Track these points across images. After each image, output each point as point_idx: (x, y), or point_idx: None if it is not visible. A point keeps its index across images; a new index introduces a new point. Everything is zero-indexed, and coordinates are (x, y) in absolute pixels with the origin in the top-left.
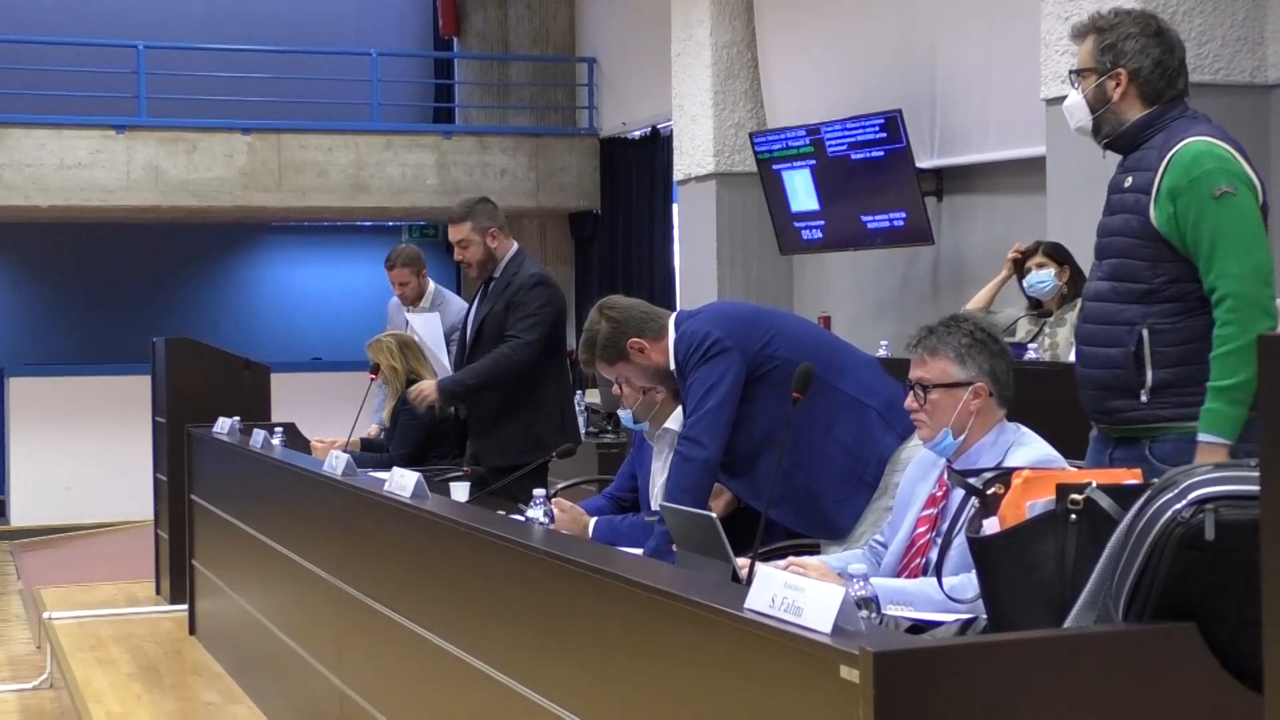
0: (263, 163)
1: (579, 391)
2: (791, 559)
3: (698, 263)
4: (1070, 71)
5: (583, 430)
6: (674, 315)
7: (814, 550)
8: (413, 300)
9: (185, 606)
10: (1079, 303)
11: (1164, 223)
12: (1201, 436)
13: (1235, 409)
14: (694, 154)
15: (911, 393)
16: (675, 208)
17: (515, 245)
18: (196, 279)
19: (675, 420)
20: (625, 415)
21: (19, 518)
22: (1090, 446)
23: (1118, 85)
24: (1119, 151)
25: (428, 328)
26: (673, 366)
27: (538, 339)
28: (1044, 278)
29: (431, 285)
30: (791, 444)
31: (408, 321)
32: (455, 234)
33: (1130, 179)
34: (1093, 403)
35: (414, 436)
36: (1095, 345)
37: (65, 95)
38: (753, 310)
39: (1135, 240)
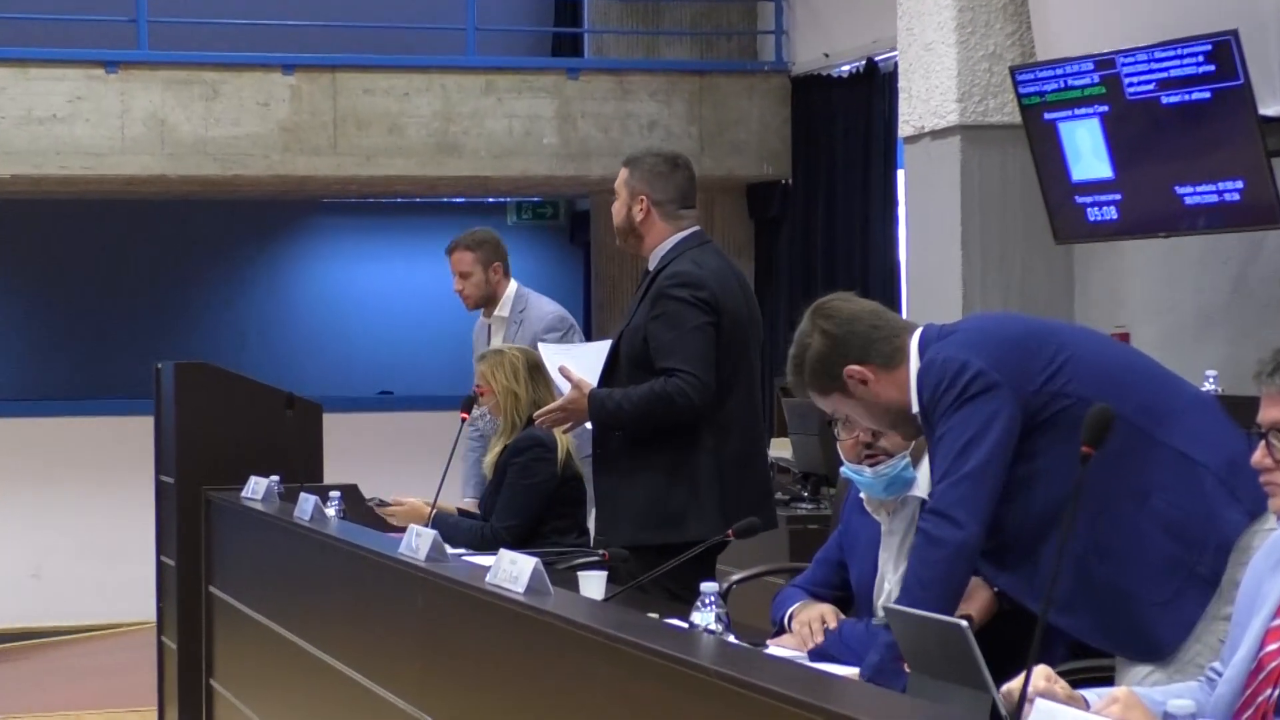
0: (311, 114)
1: None
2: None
3: (933, 256)
4: None
5: None
6: (918, 332)
7: (1110, 677)
8: (477, 303)
9: None
10: None
11: None
12: None
13: None
14: (929, 99)
15: (1262, 444)
16: (900, 176)
17: (693, 227)
18: (217, 279)
19: (923, 483)
20: (856, 473)
21: None
22: None
23: None
24: None
25: (569, 361)
26: (915, 407)
27: (708, 367)
28: None
29: (513, 286)
30: (1088, 521)
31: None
32: (619, 177)
33: None
34: None
35: (528, 500)
36: None
37: (34, 19)
38: (1030, 326)
39: None
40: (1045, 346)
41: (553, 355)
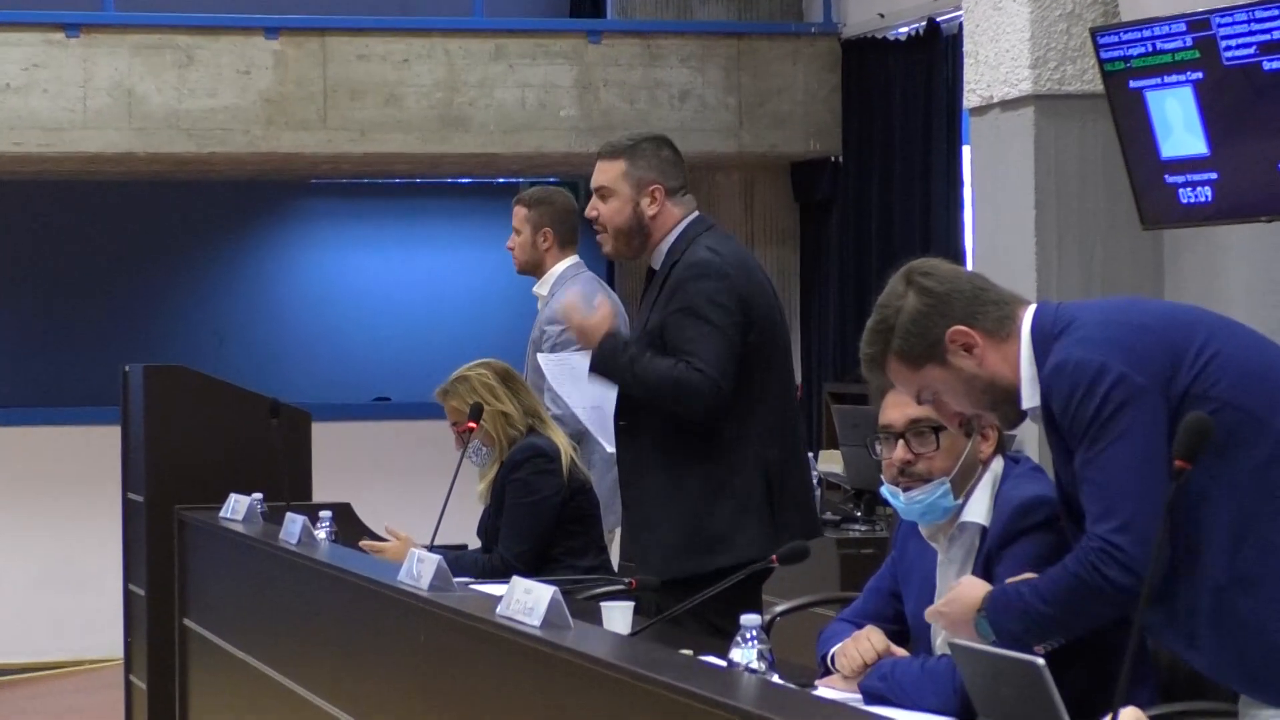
0: (298, 83)
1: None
2: None
3: (1003, 243)
4: None
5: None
6: (1031, 308)
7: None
8: (523, 268)
9: None
10: None
11: None
12: None
13: None
14: (998, 64)
15: None
16: (966, 152)
17: (693, 211)
18: (192, 271)
19: (982, 502)
20: (891, 495)
21: None
22: None
23: None
24: None
25: (562, 376)
26: (1028, 401)
27: (728, 374)
28: None
29: (565, 264)
30: (1227, 549)
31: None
32: (598, 175)
33: None
34: None
35: (535, 520)
36: None
37: None
38: (1170, 314)
39: None
40: (1190, 339)
41: (553, 369)
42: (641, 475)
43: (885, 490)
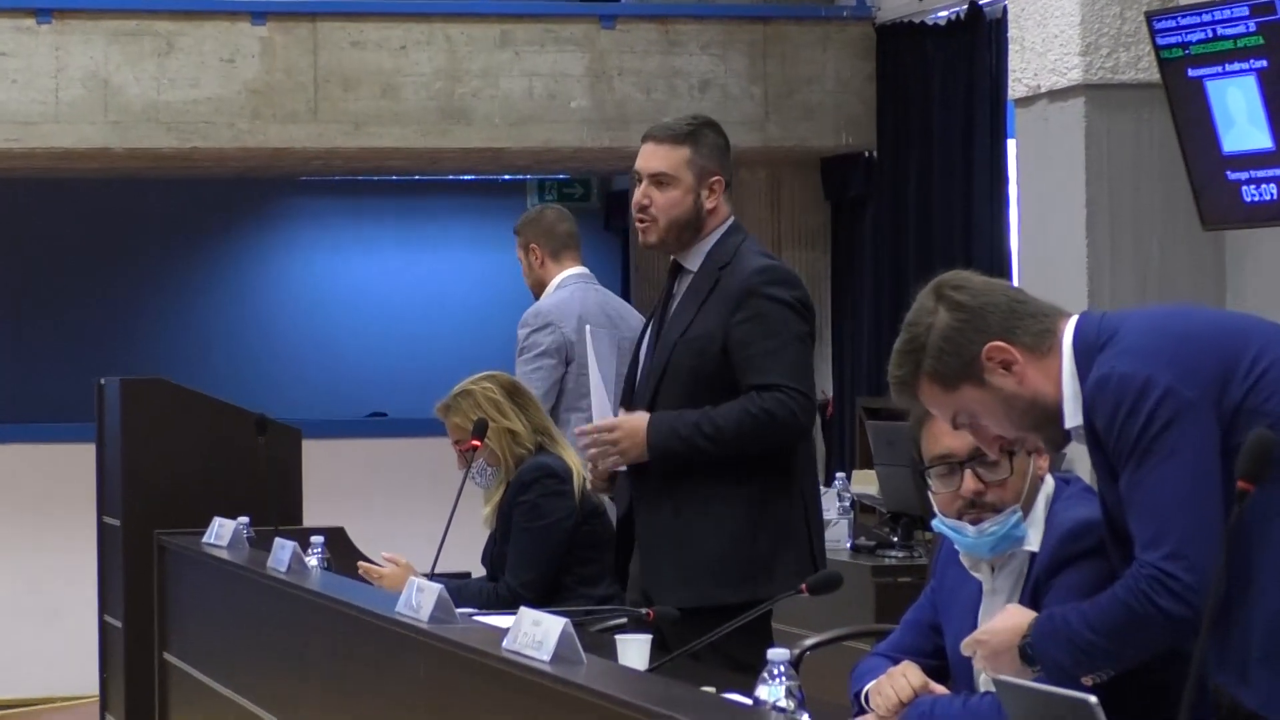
0: (287, 72)
1: (840, 477)
2: None
3: (1051, 244)
4: None
5: (848, 542)
6: (1072, 320)
7: None
8: (536, 293)
9: None
10: None
11: None
12: None
13: None
14: (1046, 51)
15: None
16: (1011, 147)
17: (731, 215)
18: (173, 275)
19: (1035, 526)
20: (954, 529)
21: None
22: None
23: None
24: None
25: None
26: (1071, 420)
27: (809, 384)
28: None
29: (563, 273)
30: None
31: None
32: (655, 160)
33: None
34: None
35: (544, 546)
36: None
37: None
38: (1219, 322)
39: None
40: (1244, 349)
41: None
42: (668, 499)
43: (943, 525)
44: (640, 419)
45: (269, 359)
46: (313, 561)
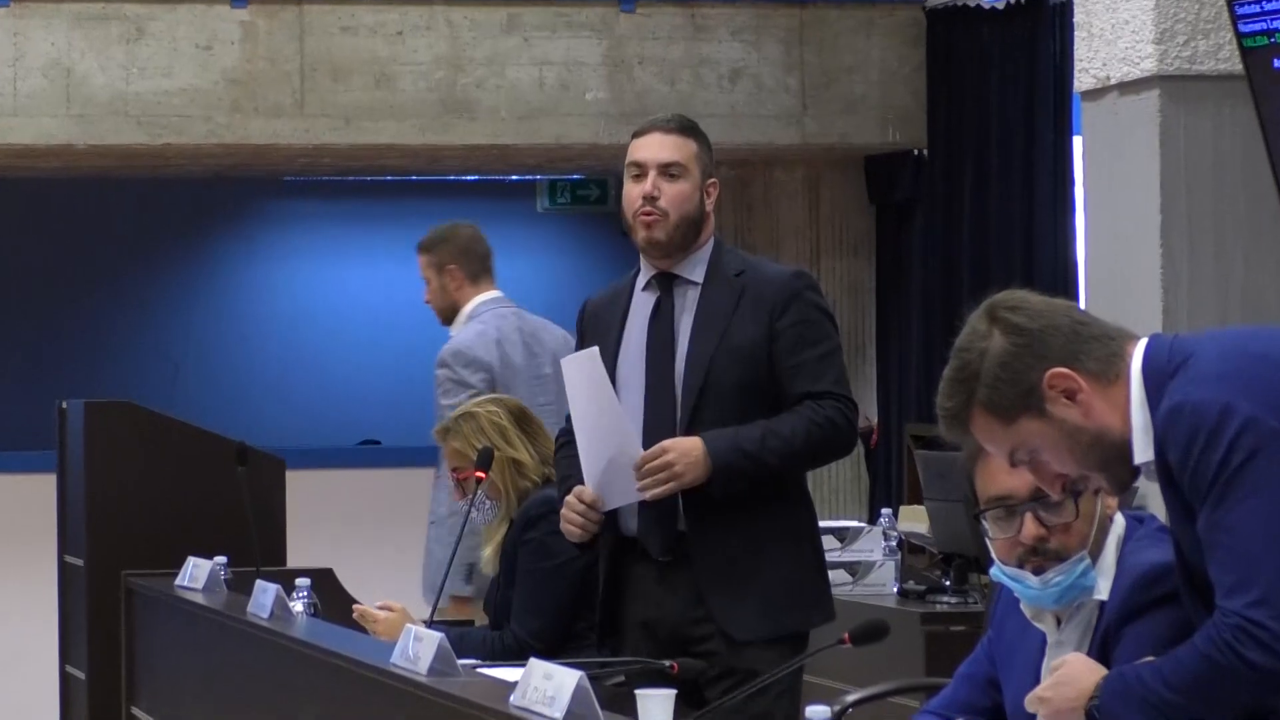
0: (270, 60)
1: (885, 513)
2: None
3: (1123, 251)
4: None
5: (894, 586)
6: (1141, 343)
7: None
8: (444, 318)
9: None
10: None
11: None
12: None
13: None
14: (1116, 39)
15: None
16: (1077, 144)
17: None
18: (143, 286)
19: (1105, 572)
20: (1015, 579)
21: None
22: None
23: None
24: None
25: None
26: (1140, 455)
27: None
28: None
29: (480, 298)
30: None
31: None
32: (665, 149)
33: None
34: None
35: (553, 590)
36: None
37: None
38: None
39: None
40: None
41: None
42: (728, 530)
43: (1002, 574)
44: (691, 439)
45: (250, 380)
46: (298, 607)
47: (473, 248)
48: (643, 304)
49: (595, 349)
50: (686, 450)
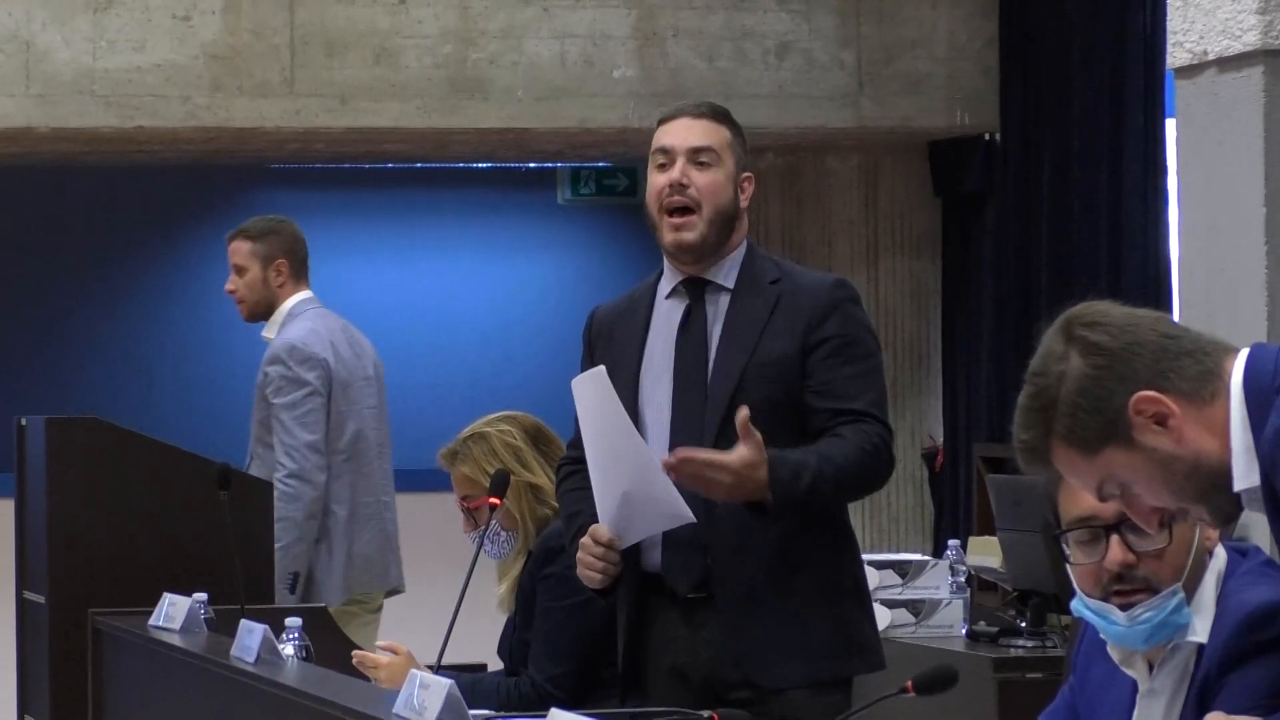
0: (256, 33)
1: (953, 545)
2: None
3: (1224, 249)
4: None
5: (963, 628)
6: (1242, 355)
7: None
8: (252, 312)
9: None
10: None
11: None
12: None
13: None
14: (1215, 8)
15: None
16: (1170, 127)
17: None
18: (112, 287)
19: (1205, 611)
20: (1099, 614)
21: None
22: None
23: None
24: None
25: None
26: (1242, 481)
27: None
28: None
29: (298, 296)
30: None
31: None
32: (695, 134)
33: None
34: None
35: (575, 632)
36: None
37: None
38: None
39: None
40: None
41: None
42: (759, 570)
43: (1085, 608)
44: (755, 462)
45: (232, 394)
46: (288, 650)
47: (299, 246)
48: (667, 313)
49: (602, 368)
50: (749, 464)
